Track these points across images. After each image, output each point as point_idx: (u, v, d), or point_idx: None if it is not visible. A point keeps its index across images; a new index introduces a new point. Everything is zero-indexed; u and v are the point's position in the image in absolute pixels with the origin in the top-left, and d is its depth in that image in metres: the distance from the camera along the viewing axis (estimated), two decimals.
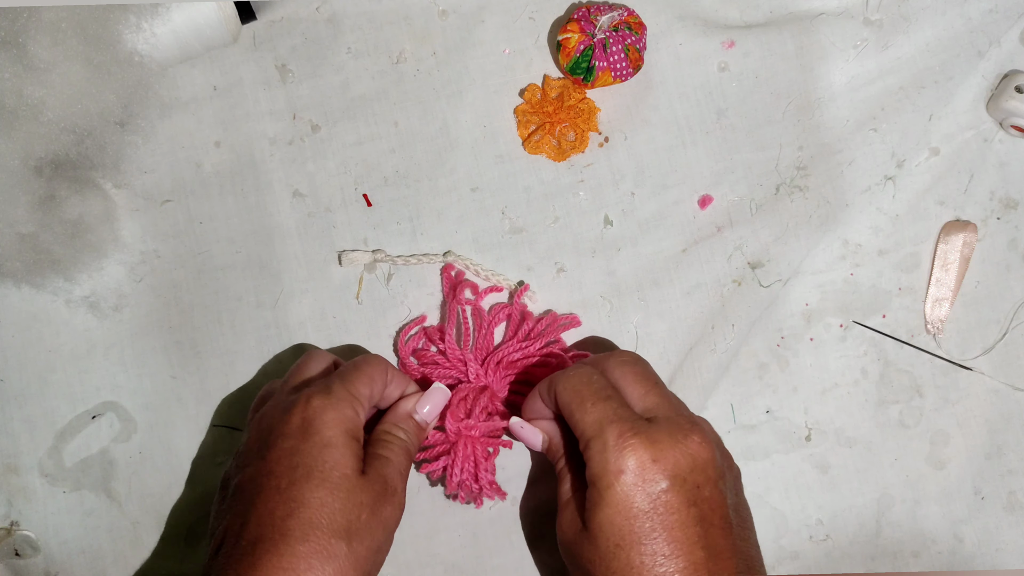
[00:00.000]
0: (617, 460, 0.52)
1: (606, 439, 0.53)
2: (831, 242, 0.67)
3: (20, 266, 0.61)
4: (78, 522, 0.64)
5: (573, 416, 0.55)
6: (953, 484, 0.66)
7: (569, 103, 0.66)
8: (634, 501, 0.51)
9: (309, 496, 0.52)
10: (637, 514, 0.51)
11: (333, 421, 0.55)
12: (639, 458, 0.52)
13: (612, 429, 0.53)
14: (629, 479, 0.52)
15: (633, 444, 0.52)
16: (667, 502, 0.52)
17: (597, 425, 0.53)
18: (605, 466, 0.52)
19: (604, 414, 0.54)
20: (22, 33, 0.56)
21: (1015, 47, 0.68)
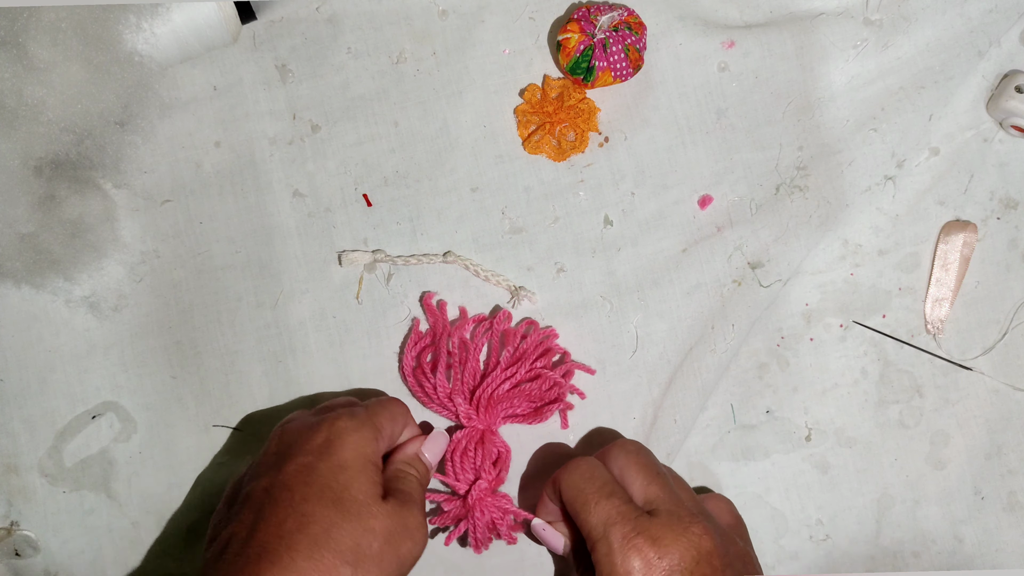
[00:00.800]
0: (623, 562, 0.53)
1: (611, 542, 0.53)
2: (831, 242, 0.67)
3: (20, 266, 0.61)
4: (78, 522, 0.64)
5: (578, 516, 0.55)
6: (953, 484, 0.66)
7: (569, 103, 0.66)
8: None
9: (320, 514, 0.52)
10: None
11: (354, 444, 0.55)
12: (644, 557, 0.53)
13: (616, 531, 0.53)
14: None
15: (637, 544, 0.53)
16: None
17: (601, 527, 0.54)
18: (612, 569, 0.53)
19: (608, 514, 0.54)
20: (22, 33, 0.56)
21: (1015, 47, 0.68)
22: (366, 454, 0.55)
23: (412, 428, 0.61)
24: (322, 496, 0.53)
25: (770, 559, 0.65)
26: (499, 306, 0.65)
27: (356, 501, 0.53)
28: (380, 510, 0.54)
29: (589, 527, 0.55)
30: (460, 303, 0.66)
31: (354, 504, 0.53)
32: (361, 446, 0.55)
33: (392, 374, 0.65)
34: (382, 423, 0.58)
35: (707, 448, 0.66)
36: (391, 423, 0.59)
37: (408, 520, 0.55)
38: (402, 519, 0.55)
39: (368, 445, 0.56)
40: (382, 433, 0.57)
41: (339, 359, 0.65)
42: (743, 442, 0.66)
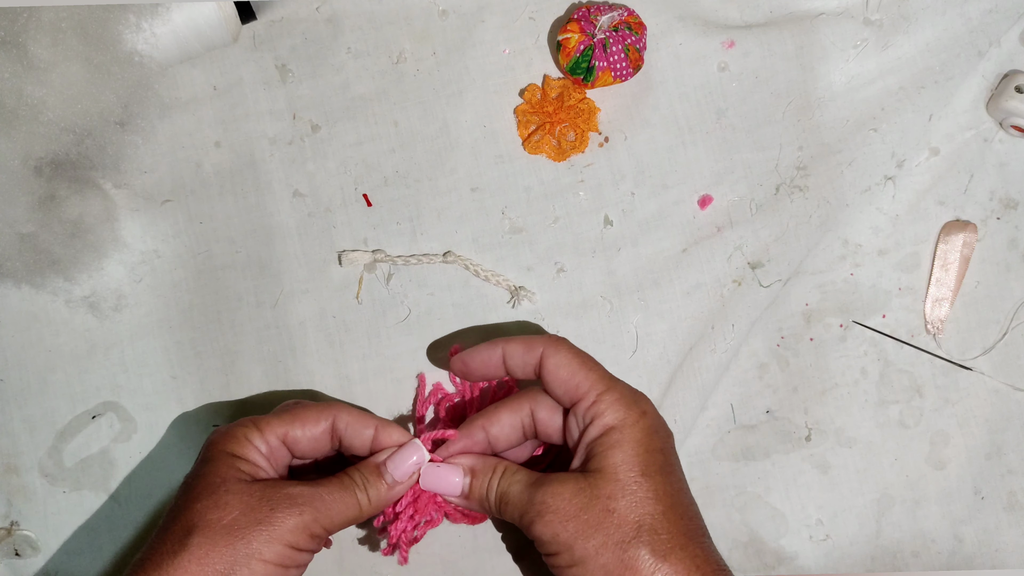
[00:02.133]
0: (638, 403, 0.56)
1: (621, 389, 0.56)
2: (831, 242, 0.67)
3: (20, 266, 0.61)
4: (78, 522, 0.64)
5: (577, 375, 0.56)
6: (953, 484, 0.66)
7: (569, 103, 0.66)
8: (654, 440, 0.55)
9: (174, 504, 0.55)
10: (656, 451, 0.55)
11: (217, 442, 0.56)
12: (651, 407, 0.56)
13: (621, 383, 0.56)
14: (649, 421, 0.55)
15: (643, 395, 0.57)
16: (670, 444, 0.56)
17: (608, 380, 0.56)
18: (628, 408, 0.55)
19: (610, 374, 0.57)
20: (22, 33, 0.56)
21: (1015, 47, 0.68)
22: (227, 448, 0.55)
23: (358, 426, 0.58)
24: (186, 492, 0.55)
25: (770, 559, 0.65)
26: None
27: (210, 484, 0.54)
28: (239, 488, 0.54)
29: (593, 381, 0.56)
30: (460, 303, 0.66)
31: (207, 486, 0.54)
32: (223, 442, 0.55)
33: (392, 374, 0.65)
34: (269, 421, 0.57)
35: (707, 448, 0.66)
36: (290, 423, 0.57)
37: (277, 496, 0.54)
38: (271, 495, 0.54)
39: (232, 439, 0.55)
40: (261, 429, 0.56)
41: (339, 359, 0.65)
42: (743, 442, 0.66)
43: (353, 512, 0.56)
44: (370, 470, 0.57)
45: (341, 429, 0.58)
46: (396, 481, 0.57)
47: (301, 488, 0.54)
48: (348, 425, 0.58)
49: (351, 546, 0.64)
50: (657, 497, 0.53)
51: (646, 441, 0.55)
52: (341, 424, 0.58)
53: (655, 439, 0.55)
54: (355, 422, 0.58)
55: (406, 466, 0.57)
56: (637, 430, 0.55)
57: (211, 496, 0.53)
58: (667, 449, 0.56)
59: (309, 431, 0.57)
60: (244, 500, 0.53)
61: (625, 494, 0.53)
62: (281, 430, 0.57)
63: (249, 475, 0.55)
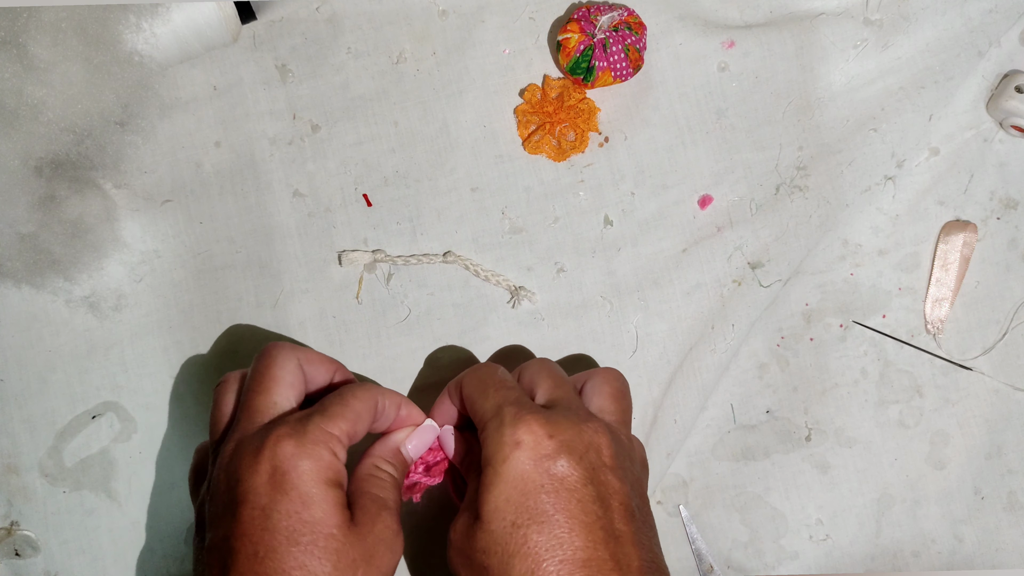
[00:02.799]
0: (513, 434, 0.50)
1: (503, 417, 0.51)
2: (831, 242, 0.67)
3: (20, 266, 0.61)
4: (78, 522, 0.64)
5: (475, 404, 0.54)
6: (953, 484, 0.66)
7: (569, 103, 0.66)
8: (530, 475, 0.49)
9: (291, 564, 0.48)
10: (534, 489, 0.49)
11: (310, 472, 0.49)
12: (535, 433, 0.50)
13: (510, 409, 0.52)
14: (524, 453, 0.50)
15: (529, 420, 0.51)
16: (563, 477, 0.50)
17: (494, 408, 0.52)
18: (500, 441, 0.50)
19: (504, 398, 0.53)
20: (22, 33, 0.56)
21: (1015, 47, 0.68)
22: (327, 478, 0.50)
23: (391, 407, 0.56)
24: (291, 543, 0.48)
25: (770, 559, 0.65)
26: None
27: (331, 537, 0.49)
28: (350, 538, 0.49)
29: (483, 411, 0.53)
30: (460, 303, 0.66)
31: (330, 541, 0.49)
32: (318, 471, 0.49)
33: (392, 374, 0.65)
34: (339, 427, 0.51)
35: (707, 448, 0.66)
36: (354, 423, 0.52)
37: (382, 533, 0.51)
38: (378, 533, 0.51)
39: (325, 466, 0.50)
40: (341, 440, 0.51)
41: (339, 359, 0.65)
42: (743, 442, 0.66)
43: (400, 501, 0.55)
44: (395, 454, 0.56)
45: (379, 412, 0.55)
46: (412, 459, 0.57)
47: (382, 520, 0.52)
48: (386, 408, 0.55)
49: None
50: (529, 554, 0.48)
51: (521, 481, 0.49)
52: (380, 408, 0.55)
53: (535, 476, 0.49)
54: (391, 405, 0.56)
55: (423, 445, 0.57)
56: (508, 466, 0.50)
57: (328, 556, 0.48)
58: (556, 486, 0.49)
59: (364, 424, 0.54)
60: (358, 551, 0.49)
61: (496, 550, 0.49)
62: (351, 431, 0.53)
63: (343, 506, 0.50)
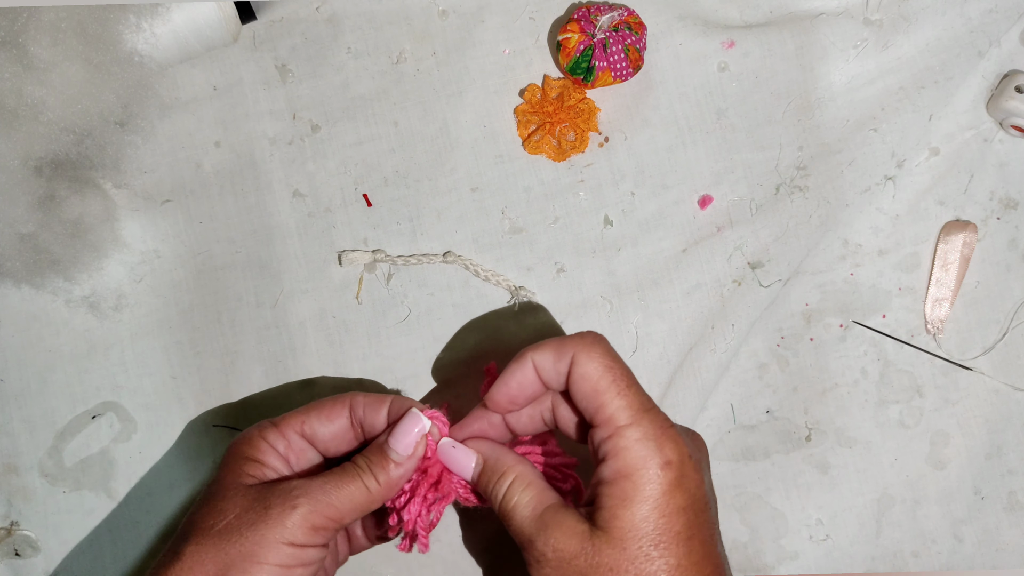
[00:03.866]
0: (662, 451, 0.48)
1: (646, 428, 0.48)
2: (831, 242, 0.67)
3: (20, 266, 0.61)
4: (78, 522, 0.64)
5: (602, 395, 0.49)
6: (953, 484, 0.66)
7: (569, 103, 0.66)
8: (675, 498, 0.47)
9: (185, 517, 0.54)
10: (676, 512, 0.47)
11: (232, 445, 0.55)
12: (682, 452, 0.48)
13: (650, 417, 0.49)
14: (673, 473, 0.47)
15: (672, 435, 0.48)
16: (701, 499, 0.48)
17: (635, 411, 0.49)
18: (646, 455, 0.47)
19: (641, 400, 0.49)
20: (22, 33, 0.56)
21: (1015, 47, 0.68)
22: (239, 451, 0.54)
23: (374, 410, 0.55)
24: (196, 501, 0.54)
25: (770, 559, 0.65)
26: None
27: (213, 493, 0.53)
28: (236, 492, 0.52)
29: (617, 409, 0.49)
30: (460, 303, 0.66)
31: (210, 496, 0.53)
32: (235, 446, 0.55)
33: (392, 374, 0.65)
34: (288, 419, 0.55)
35: (707, 448, 0.66)
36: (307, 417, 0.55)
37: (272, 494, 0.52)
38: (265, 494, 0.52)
39: (243, 442, 0.55)
40: (279, 427, 0.55)
41: (339, 359, 0.65)
42: (743, 442, 0.66)
43: (361, 497, 0.52)
44: (374, 451, 0.53)
45: (360, 416, 0.54)
46: (402, 456, 0.53)
47: (299, 482, 0.52)
48: (365, 409, 0.54)
49: None
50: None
51: (664, 501, 0.47)
52: (359, 410, 0.54)
53: (677, 497, 0.47)
54: (371, 404, 0.54)
55: (408, 439, 0.53)
56: (655, 486, 0.47)
57: (209, 502, 0.53)
58: (694, 508, 0.48)
59: (327, 421, 0.54)
60: (240, 503, 0.52)
61: (628, 568, 0.47)
62: (297, 423, 0.55)
63: (257, 478, 0.53)
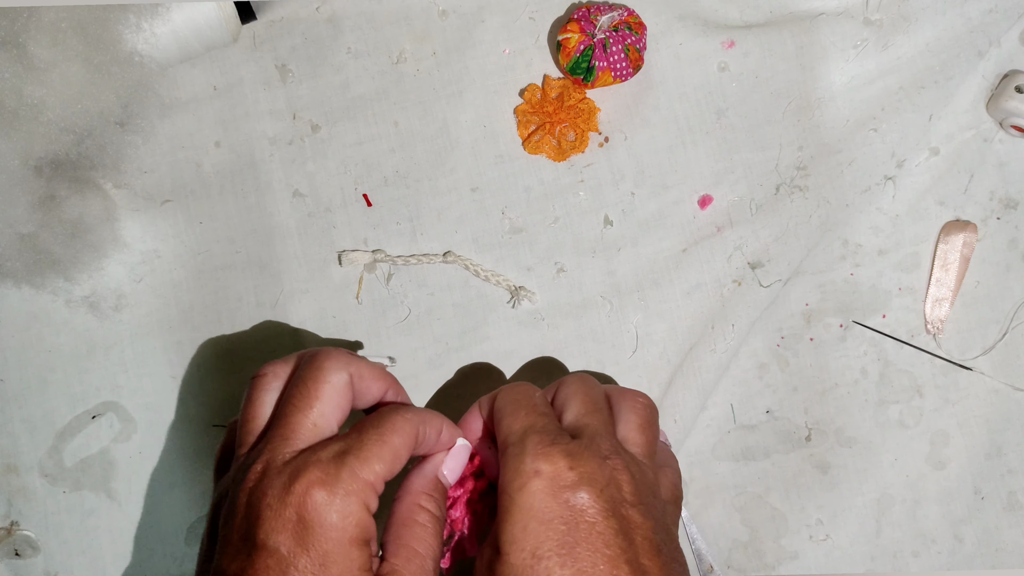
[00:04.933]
0: (533, 462, 0.48)
1: (525, 445, 0.49)
2: (831, 242, 0.67)
3: (20, 266, 0.61)
4: (78, 522, 0.64)
5: (501, 423, 0.51)
6: (953, 484, 0.66)
7: (569, 103, 0.66)
8: (549, 505, 0.47)
9: None
10: (553, 519, 0.47)
11: (337, 529, 0.46)
12: (555, 463, 0.48)
13: (533, 438, 0.49)
14: (543, 483, 0.48)
15: (550, 452, 0.48)
16: (583, 509, 0.47)
17: (520, 433, 0.50)
18: (519, 468, 0.48)
19: (531, 423, 0.50)
20: (22, 33, 0.56)
21: (1015, 47, 0.68)
22: (352, 536, 0.46)
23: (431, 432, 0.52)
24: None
25: (770, 559, 0.65)
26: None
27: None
28: None
29: (508, 432, 0.50)
30: (460, 303, 0.66)
31: None
32: (344, 530, 0.46)
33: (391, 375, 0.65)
34: (375, 470, 0.48)
35: (707, 448, 0.66)
36: (392, 462, 0.49)
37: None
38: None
39: (352, 524, 0.46)
40: (376, 485, 0.48)
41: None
42: (743, 442, 0.66)
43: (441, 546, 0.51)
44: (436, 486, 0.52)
45: (420, 442, 0.51)
46: (450, 484, 0.53)
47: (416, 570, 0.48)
48: (427, 436, 0.51)
49: None
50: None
51: (539, 511, 0.47)
52: (420, 437, 0.51)
53: (554, 506, 0.47)
54: (432, 431, 0.52)
55: (459, 467, 0.53)
56: (526, 495, 0.47)
57: None
58: (572, 516, 0.47)
59: (402, 461, 0.50)
60: None
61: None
62: (386, 474, 0.48)
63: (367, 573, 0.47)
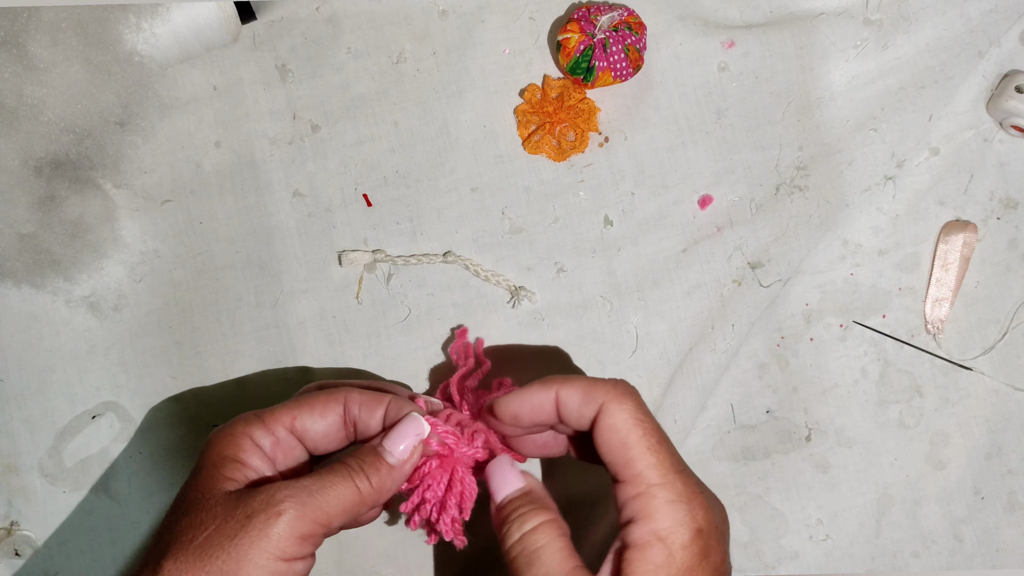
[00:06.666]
0: (692, 513, 0.46)
1: (679, 489, 0.46)
2: (831, 242, 0.67)
3: (20, 266, 0.61)
4: (78, 522, 0.64)
5: (631, 450, 0.47)
6: (953, 484, 0.66)
7: (569, 103, 0.66)
8: (703, 569, 0.46)
9: (160, 525, 0.50)
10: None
11: (211, 444, 0.51)
12: (710, 520, 0.47)
13: (683, 479, 0.47)
14: (703, 543, 0.46)
15: (703, 503, 0.47)
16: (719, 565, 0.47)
17: (666, 470, 0.47)
18: (679, 519, 0.46)
19: (673, 460, 0.47)
20: (22, 33, 0.56)
21: (1015, 47, 0.68)
22: (221, 450, 0.50)
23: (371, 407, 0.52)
24: (170, 508, 0.50)
25: (770, 559, 0.65)
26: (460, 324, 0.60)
27: (192, 500, 0.48)
28: (217, 501, 0.48)
29: (646, 467, 0.47)
30: (460, 303, 0.66)
31: (190, 504, 0.48)
32: (217, 443, 0.50)
33: (392, 374, 0.65)
34: (276, 415, 0.51)
35: (707, 448, 0.66)
36: (298, 411, 0.51)
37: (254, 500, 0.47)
38: (247, 500, 0.47)
39: (226, 441, 0.50)
40: (266, 424, 0.51)
41: (339, 359, 0.65)
42: (743, 442, 0.66)
43: (352, 500, 0.49)
44: (367, 451, 0.51)
45: (355, 414, 0.52)
46: (398, 460, 0.51)
47: (283, 485, 0.48)
48: (361, 407, 0.52)
49: (351, 545, 0.64)
50: None
51: (689, 568, 0.45)
52: (354, 407, 0.52)
53: (704, 568, 0.46)
54: (368, 403, 0.52)
55: (406, 443, 0.51)
56: (687, 554, 0.45)
57: (189, 513, 0.48)
58: (719, 567, 0.47)
59: (319, 417, 0.51)
60: (220, 512, 0.47)
61: None
62: (287, 418, 0.51)
63: (239, 481, 0.49)
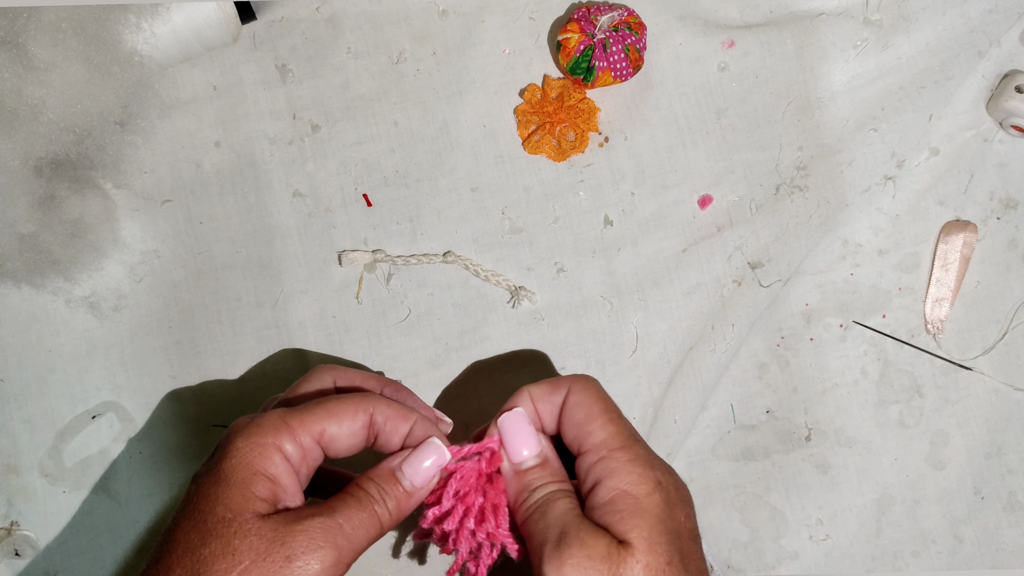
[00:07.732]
0: (651, 472, 0.48)
1: (637, 451, 0.49)
2: (831, 242, 0.67)
3: (20, 266, 0.61)
4: (78, 522, 0.64)
5: (594, 421, 0.50)
6: (953, 484, 0.66)
7: (569, 103, 0.66)
8: (674, 518, 0.48)
9: (181, 538, 0.47)
10: (678, 533, 0.48)
11: (238, 452, 0.48)
12: (665, 471, 0.49)
13: (641, 444, 0.50)
14: (663, 496, 0.48)
15: (663, 464, 0.50)
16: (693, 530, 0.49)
17: (625, 437, 0.50)
18: (640, 474, 0.48)
19: (631, 431, 0.50)
20: (22, 33, 0.56)
21: (1015, 47, 0.68)
22: (251, 463, 0.47)
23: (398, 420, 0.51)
24: (190, 518, 0.47)
25: (770, 559, 0.65)
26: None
27: (221, 519, 0.46)
28: (250, 528, 0.46)
29: (608, 435, 0.49)
30: (460, 303, 0.66)
31: (218, 523, 0.46)
32: (246, 454, 0.48)
33: (392, 374, 0.65)
34: (303, 421, 0.49)
35: (707, 448, 0.66)
36: (326, 420, 0.49)
37: (307, 543, 0.46)
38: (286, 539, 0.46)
39: (256, 452, 0.48)
40: (294, 432, 0.49)
41: (339, 359, 0.65)
42: (743, 442, 0.66)
43: (376, 531, 0.49)
44: (387, 477, 0.50)
45: (379, 425, 0.51)
46: (415, 487, 0.50)
47: (319, 521, 0.47)
48: (387, 421, 0.51)
49: None
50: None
51: (666, 518, 0.48)
52: (379, 419, 0.51)
53: (676, 514, 0.48)
54: (394, 418, 0.51)
55: (426, 473, 0.50)
56: (652, 502, 0.48)
57: (220, 536, 0.46)
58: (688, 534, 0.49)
59: (347, 427, 0.50)
60: (256, 545, 0.46)
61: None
62: (317, 428, 0.49)
63: (270, 503, 0.47)
